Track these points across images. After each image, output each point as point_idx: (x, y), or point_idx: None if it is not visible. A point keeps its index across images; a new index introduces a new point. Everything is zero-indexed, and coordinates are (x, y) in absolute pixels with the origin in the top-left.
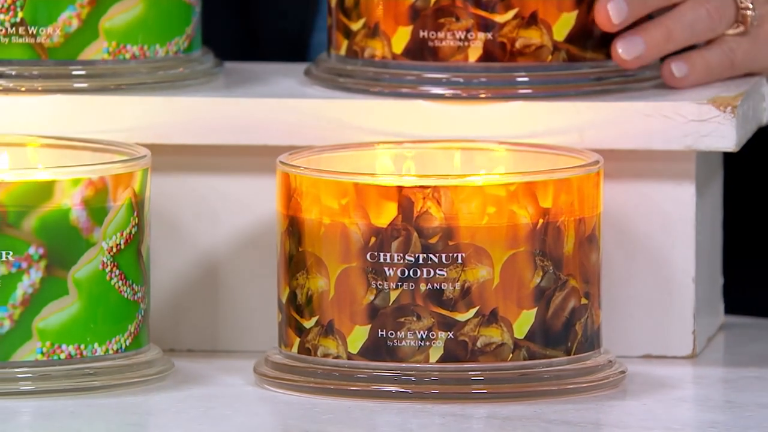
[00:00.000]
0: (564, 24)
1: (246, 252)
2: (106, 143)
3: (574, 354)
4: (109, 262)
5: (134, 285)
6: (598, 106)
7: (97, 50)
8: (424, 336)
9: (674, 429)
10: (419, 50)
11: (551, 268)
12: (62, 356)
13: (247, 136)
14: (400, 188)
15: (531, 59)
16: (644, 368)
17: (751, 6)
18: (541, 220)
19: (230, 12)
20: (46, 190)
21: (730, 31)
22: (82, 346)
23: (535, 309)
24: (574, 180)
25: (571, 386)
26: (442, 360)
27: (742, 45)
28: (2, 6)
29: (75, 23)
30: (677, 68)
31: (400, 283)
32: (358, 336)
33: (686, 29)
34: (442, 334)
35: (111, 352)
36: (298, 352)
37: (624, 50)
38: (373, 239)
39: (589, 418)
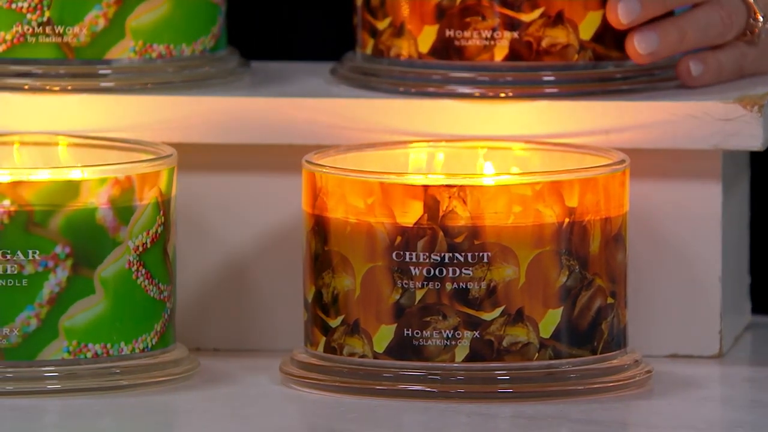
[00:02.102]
0: (590, 23)
1: (272, 251)
2: (132, 142)
3: (600, 353)
4: (135, 261)
5: (160, 284)
6: (624, 105)
7: (123, 49)
8: (449, 335)
9: (700, 429)
10: (445, 49)
11: (577, 267)
12: (88, 355)
13: (272, 136)
14: (425, 187)
15: (557, 58)
16: (670, 368)
17: (762, 18)
18: (567, 220)
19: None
20: (72, 189)
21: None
22: (109, 345)
23: (561, 308)
24: (600, 179)
25: (597, 386)
26: (467, 359)
27: (752, 51)
28: (29, 5)
29: (101, 22)
30: (695, 67)
31: (425, 283)
32: (383, 335)
33: (699, 32)
34: (468, 334)
35: (137, 351)
36: (324, 351)
37: (639, 44)
38: (398, 238)
39: (615, 417)
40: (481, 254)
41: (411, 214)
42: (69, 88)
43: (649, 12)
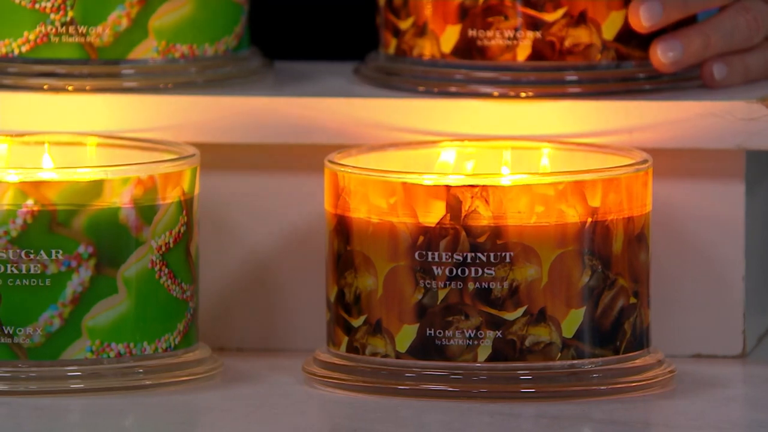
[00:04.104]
0: (613, 23)
1: (294, 251)
2: (155, 142)
3: (622, 353)
4: (158, 261)
5: (183, 283)
6: (647, 105)
7: (146, 49)
8: (472, 335)
9: (724, 429)
10: (468, 49)
11: (600, 267)
12: (111, 354)
13: (295, 135)
14: (448, 187)
15: (580, 58)
16: (694, 368)
17: None
18: (589, 219)
19: None
20: (95, 188)
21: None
22: (132, 345)
23: (584, 308)
24: (623, 179)
25: (620, 386)
26: (490, 359)
27: None
28: (52, 5)
29: (124, 22)
30: (718, 70)
31: (448, 282)
32: (406, 335)
33: (724, 38)
34: (491, 333)
35: (160, 350)
36: (347, 351)
37: (663, 53)
38: (421, 238)
39: (638, 417)
40: (503, 254)
41: (433, 213)
42: (91, 88)
43: (671, 16)
